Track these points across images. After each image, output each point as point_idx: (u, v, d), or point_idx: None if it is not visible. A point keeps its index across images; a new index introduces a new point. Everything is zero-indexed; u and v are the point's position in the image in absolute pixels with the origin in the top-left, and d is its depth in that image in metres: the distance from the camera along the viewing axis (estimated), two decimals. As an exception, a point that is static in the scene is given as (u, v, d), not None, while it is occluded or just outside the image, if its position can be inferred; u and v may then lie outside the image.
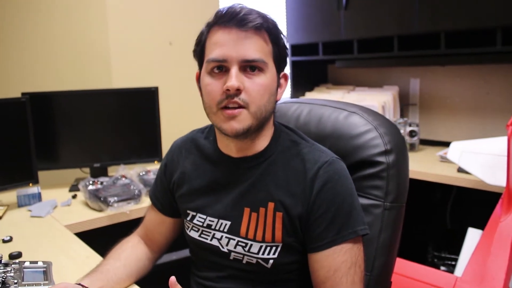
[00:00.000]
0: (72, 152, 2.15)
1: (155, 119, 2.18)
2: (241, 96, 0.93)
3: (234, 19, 0.93)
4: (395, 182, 1.04)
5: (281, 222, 0.97)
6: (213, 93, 0.95)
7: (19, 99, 1.86)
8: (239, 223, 1.01)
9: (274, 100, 0.99)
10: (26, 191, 1.87)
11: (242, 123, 0.94)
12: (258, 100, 0.94)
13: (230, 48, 0.93)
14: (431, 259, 2.42)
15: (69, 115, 2.12)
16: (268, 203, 0.98)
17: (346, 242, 0.94)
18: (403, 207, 1.06)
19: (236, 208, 1.02)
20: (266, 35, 0.95)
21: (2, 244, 1.45)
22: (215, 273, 1.07)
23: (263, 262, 0.99)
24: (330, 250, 0.94)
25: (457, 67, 2.60)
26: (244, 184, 1.01)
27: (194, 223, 1.08)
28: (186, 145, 1.15)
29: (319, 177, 0.96)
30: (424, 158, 2.45)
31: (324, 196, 0.95)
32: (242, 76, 0.93)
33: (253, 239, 0.99)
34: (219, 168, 1.06)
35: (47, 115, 2.09)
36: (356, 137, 1.08)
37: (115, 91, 2.22)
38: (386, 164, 1.04)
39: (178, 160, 1.14)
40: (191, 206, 1.09)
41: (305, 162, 0.98)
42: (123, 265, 1.11)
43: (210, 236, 1.05)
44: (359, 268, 0.94)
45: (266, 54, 0.95)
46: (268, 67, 0.95)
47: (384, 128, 1.08)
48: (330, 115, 1.15)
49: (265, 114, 0.96)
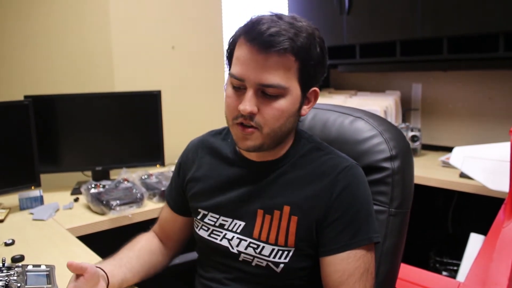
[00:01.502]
0: (74, 155, 2.15)
1: (158, 122, 2.18)
2: (256, 118, 0.92)
3: (258, 38, 0.89)
4: (400, 188, 1.04)
5: (295, 226, 0.97)
6: (231, 107, 0.95)
7: (22, 102, 1.86)
8: (253, 225, 1.01)
9: (294, 120, 0.98)
10: (28, 194, 1.87)
11: (254, 142, 0.95)
12: (272, 124, 0.93)
13: (250, 69, 0.91)
14: (433, 264, 2.41)
15: (71, 118, 2.12)
16: (284, 207, 0.98)
17: (361, 248, 0.94)
18: (408, 213, 1.06)
19: (251, 210, 1.01)
20: (292, 58, 0.90)
21: (4, 247, 1.45)
22: (222, 274, 1.07)
23: (273, 266, 0.99)
24: (345, 254, 0.93)
25: (459, 73, 2.60)
26: (260, 186, 1.02)
27: (204, 222, 1.08)
28: (203, 144, 1.15)
29: (339, 181, 0.96)
30: (426, 163, 2.44)
31: (343, 199, 0.95)
32: (258, 98, 0.92)
33: (265, 241, 0.99)
34: (236, 169, 1.06)
35: (50, 118, 2.09)
36: (361, 142, 1.08)
37: (118, 95, 2.22)
38: (391, 170, 1.04)
39: (194, 159, 1.14)
40: (203, 205, 1.09)
41: (324, 167, 0.99)
42: (136, 256, 1.13)
43: (220, 236, 1.05)
44: (370, 275, 0.95)
45: (289, 78, 0.92)
46: (289, 91, 0.92)
47: (389, 133, 1.08)
48: (335, 120, 1.15)
49: (280, 134, 0.96)
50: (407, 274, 1.58)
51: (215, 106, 2.78)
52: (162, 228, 1.23)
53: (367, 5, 2.61)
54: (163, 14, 2.56)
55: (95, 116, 2.14)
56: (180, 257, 1.49)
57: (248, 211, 1.02)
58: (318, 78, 0.98)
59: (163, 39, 2.58)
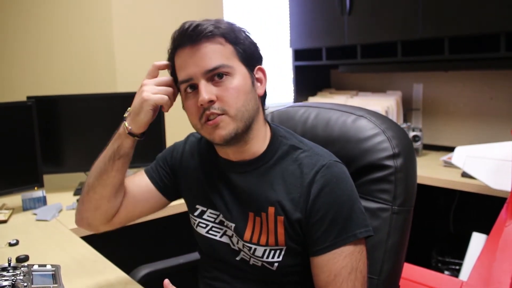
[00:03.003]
0: (77, 156, 2.16)
1: (160, 123, 2.18)
2: (216, 105, 0.94)
3: (185, 37, 0.94)
4: (403, 185, 1.04)
5: (282, 227, 0.97)
6: (193, 112, 0.97)
7: (25, 103, 1.87)
8: (244, 228, 1.01)
9: (253, 98, 0.99)
10: (31, 195, 1.87)
11: (226, 129, 0.94)
12: (234, 103, 0.94)
13: (192, 65, 0.94)
14: (435, 263, 2.42)
15: (74, 118, 2.13)
16: (269, 208, 0.98)
17: (346, 246, 0.93)
18: (411, 211, 1.06)
19: (241, 212, 1.02)
20: (221, 39, 0.95)
21: (9, 247, 1.46)
22: (224, 273, 1.08)
23: (268, 265, 1.00)
24: (330, 254, 0.93)
25: (461, 73, 2.60)
26: (244, 188, 1.02)
27: (203, 218, 1.08)
28: (203, 140, 1.15)
29: (316, 182, 0.95)
30: (428, 163, 2.45)
31: (322, 200, 0.94)
32: (211, 86, 0.94)
33: (256, 243, 1.00)
34: (222, 173, 1.06)
35: (52, 119, 2.10)
36: (364, 140, 1.08)
37: (120, 95, 2.22)
38: (394, 168, 1.04)
39: (193, 153, 1.14)
40: (202, 202, 1.09)
41: (302, 167, 0.98)
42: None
43: (220, 233, 1.06)
44: (360, 273, 0.94)
45: (228, 57, 0.95)
46: (234, 69, 0.95)
47: (392, 131, 1.08)
48: (337, 118, 1.15)
49: (247, 114, 0.96)
50: (409, 273, 1.58)
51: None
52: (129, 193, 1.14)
53: (368, 5, 2.61)
54: (165, 15, 2.56)
55: (97, 117, 2.15)
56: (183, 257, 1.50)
57: (239, 214, 1.02)
58: (256, 57, 1.02)
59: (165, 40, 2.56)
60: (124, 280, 1.22)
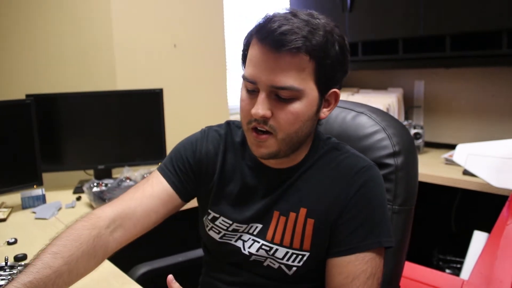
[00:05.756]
0: (77, 154, 2.15)
1: (160, 120, 2.18)
2: (269, 122, 0.88)
3: (269, 37, 0.84)
4: (404, 184, 1.03)
5: (311, 229, 0.94)
6: (244, 111, 0.92)
7: (24, 100, 1.86)
8: (267, 227, 0.98)
9: (311, 124, 0.93)
10: (30, 193, 1.86)
11: (269, 149, 0.91)
12: (287, 128, 0.88)
13: (261, 71, 0.86)
14: (436, 262, 2.41)
15: (73, 116, 2.12)
16: (300, 209, 0.96)
17: (370, 251, 0.90)
18: (412, 210, 1.05)
19: (267, 212, 0.99)
20: (306, 57, 0.85)
21: (7, 246, 1.45)
22: (231, 276, 1.05)
23: (285, 268, 0.97)
24: (352, 257, 0.90)
25: (462, 70, 2.59)
26: (278, 190, 0.99)
27: (215, 224, 1.04)
28: (227, 139, 1.07)
29: (355, 182, 0.93)
30: (429, 160, 2.43)
31: (357, 200, 0.92)
32: (271, 102, 0.87)
33: (279, 243, 0.97)
34: (255, 174, 1.02)
35: (51, 117, 2.09)
36: (364, 138, 1.07)
37: (120, 93, 2.21)
38: (394, 166, 1.03)
39: (216, 152, 1.06)
40: (215, 208, 1.05)
41: (341, 168, 0.96)
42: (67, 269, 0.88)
43: (235, 238, 1.02)
44: (377, 280, 0.91)
45: (303, 79, 0.86)
46: (304, 94, 0.87)
47: (393, 129, 1.07)
48: (337, 115, 1.14)
49: (297, 139, 0.92)
50: (410, 272, 1.57)
51: (217, 104, 2.78)
52: (133, 208, 1.00)
53: (369, 2, 2.60)
54: (165, 12, 2.55)
55: (97, 115, 2.14)
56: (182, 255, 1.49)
57: (265, 214, 0.99)
58: (337, 78, 0.92)
59: (165, 37, 2.57)
60: (122, 279, 1.21)
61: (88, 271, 0.93)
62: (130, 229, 1.00)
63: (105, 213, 0.97)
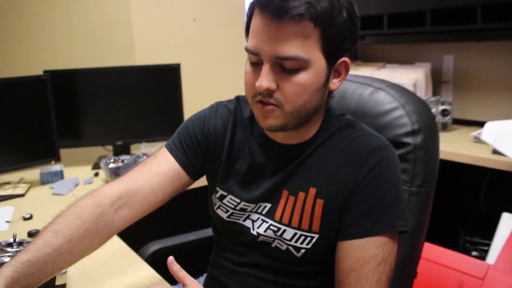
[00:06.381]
0: (95, 130, 2.15)
1: (178, 96, 2.15)
2: (275, 95, 0.83)
3: (270, 5, 0.79)
4: (422, 165, 0.96)
5: (320, 211, 0.89)
6: (248, 85, 0.87)
7: (40, 76, 1.85)
8: (276, 207, 0.94)
9: (320, 95, 0.87)
10: (49, 169, 1.88)
11: (276, 120, 0.86)
12: (294, 101, 0.83)
13: (263, 41, 0.81)
14: (462, 243, 2.33)
15: (91, 92, 2.11)
16: (310, 189, 0.91)
17: (382, 235, 0.85)
18: (431, 192, 0.98)
19: (276, 191, 0.94)
20: (310, 24, 0.79)
21: (23, 221, 1.46)
22: (238, 257, 1.02)
23: (293, 250, 0.92)
24: (363, 241, 0.85)
25: (494, 43, 2.45)
26: (287, 168, 0.94)
27: (223, 203, 1.01)
28: (236, 115, 1.03)
29: (368, 161, 0.87)
30: (457, 138, 2.33)
31: (369, 181, 0.86)
32: (276, 74, 0.83)
33: (287, 224, 0.92)
34: (264, 151, 0.97)
35: (70, 93, 2.08)
36: (381, 115, 1.00)
37: (137, 68, 2.19)
38: (412, 146, 0.96)
39: (225, 128, 1.02)
40: (223, 186, 1.01)
41: (354, 147, 0.90)
42: (68, 248, 0.86)
43: (243, 217, 0.99)
44: (389, 266, 0.86)
45: (308, 47, 0.81)
46: (310, 63, 0.82)
47: (412, 105, 0.99)
48: (354, 91, 1.07)
49: (305, 112, 0.86)
50: (432, 254, 1.52)
51: (236, 79, 2.71)
52: (139, 185, 0.98)
53: (396, -28, 2.48)
54: (184, -14, 2.50)
55: (115, 90, 2.12)
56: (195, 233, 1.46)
57: (274, 193, 0.95)
58: (346, 47, 0.86)
59: (184, 11, 2.52)
60: (130, 258, 1.20)
61: (91, 250, 0.91)
62: (136, 208, 0.97)
63: (111, 191, 0.95)
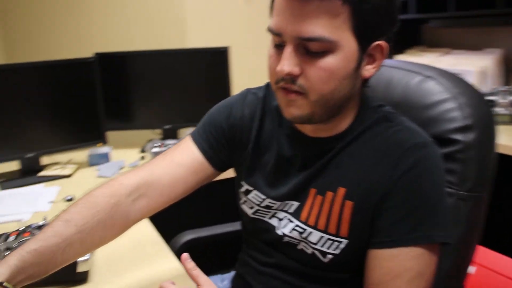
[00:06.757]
0: (144, 113, 2.14)
1: (226, 79, 2.10)
2: (298, 81, 0.75)
3: None
4: (474, 166, 0.84)
5: (349, 213, 0.80)
6: (271, 69, 0.79)
7: (88, 59, 1.86)
8: (303, 206, 0.86)
9: (351, 83, 0.77)
10: (97, 151, 1.90)
11: (300, 110, 0.77)
12: (319, 88, 0.74)
13: (286, 19, 0.73)
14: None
15: (141, 75, 2.10)
16: (338, 188, 0.82)
17: (417, 247, 0.75)
18: (483, 198, 0.86)
19: (304, 189, 0.86)
20: (338, 1, 0.71)
21: (64, 202, 1.47)
22: (264, 256, 0.95)
23: (319, 255, 0.84)
24: (395, 251, 0.75)
25: None
26: (316, 164, 0.85)
27: (248, 198, 0.95)
28: (265, 103, 0.95)
29: (405, 160, 0.77)
30: (528, 133, 2.13)
31: (406, 183, 0.76)
32: (300, 57, 0.74)
33: (313, 226, 0.84)
34: (292, 144, 0.89)
35: (120, 76, 2.08)
36: (428, 107, 0.88)
37: (187, 51, 2.16)
38: (463, 144, 0.84)
39: (252, 117, 0.95)
40: (248, 180, 0.95)
41: (390, 143, 0.79)
42: (79, 238, 0.82)
43: (269, 215, 0.91)
44: (425, 282, 0.76)
45: (337, 27, 0.72)
46: (338, 46, 0.73)
47: (466, 97, 0.87)
48: (401, 79, 0.96)
49: (333, 102, 0.77)
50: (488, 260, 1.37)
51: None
52: (159, 176, 0.92)
53: None
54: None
55: (164, 73, 2.10)
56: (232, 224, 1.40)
57: (302, 191, 0.86)
58: (382, 29, 0.76)
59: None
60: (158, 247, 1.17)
61: (104, 241, 0.87)
62: (155, 199, 0.92)
63: (129, 180, 0.90)
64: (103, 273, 1.05)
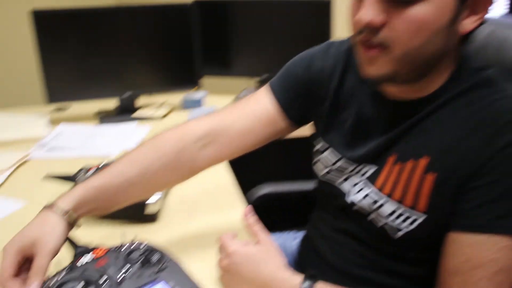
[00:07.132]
0: (241, 61, 2.13)
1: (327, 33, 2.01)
2: (382, 33, 0.66)
3: None
4: None
5: (430, 187, 0.71)
6: (351, 19, 0.70)
7: (185, 5, 1.86)
8: (379, 171, 0.78)
9: (444, 38, 0.67)
10: (191, 95, 1.93)
11: (381, 69, 0.69)
12: (406, 41, 0.65)
13: None
14: None
15: (240, 23, 2.08)
16: (421, 156, 0.72)
17: (508, 236, 0.64)
18: None
19: (384, 153, 0.78)
20: None
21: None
22: (334, 220, 0.89)
23: (390, 230, 0.76)
24: (480, 237, 0.65)
25: None
26: (398, 128, 0.76)
27: (322, 156, 0.88)
28: (348, 57, 0.86)
29: (504, 134, 0.65)
30: None
31: (500, 160, 0.65)
32: (384, 5, 0.65)
33: (388, 194, 0.76)
34: (374, 104, 0.81)
35: (219, 23, 2.08)
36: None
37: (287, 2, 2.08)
38: None
39: (332, 71, 0.88)
40: (325, 137, 0.88)
41: (488, 113, 0.68)
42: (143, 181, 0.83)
43: (342, 178, 0.85)
44: (507, 279, 0.65)
45: None
46: None
47: None
48: (518, 40, 0.82)
49: (420, 59, 0.68)
50: None
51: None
52: (229, 124, 0.89)
53: None
54: None
55: (263, 23, 2.07)
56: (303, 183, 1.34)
57: (381, 155, 0.78)
58: None
59: None
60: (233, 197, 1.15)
61: (168, 184, 0.88)
62: (223, 147, 0.89)
63: (199, 126, 0.88)
64: (173, 213, 1.07)
